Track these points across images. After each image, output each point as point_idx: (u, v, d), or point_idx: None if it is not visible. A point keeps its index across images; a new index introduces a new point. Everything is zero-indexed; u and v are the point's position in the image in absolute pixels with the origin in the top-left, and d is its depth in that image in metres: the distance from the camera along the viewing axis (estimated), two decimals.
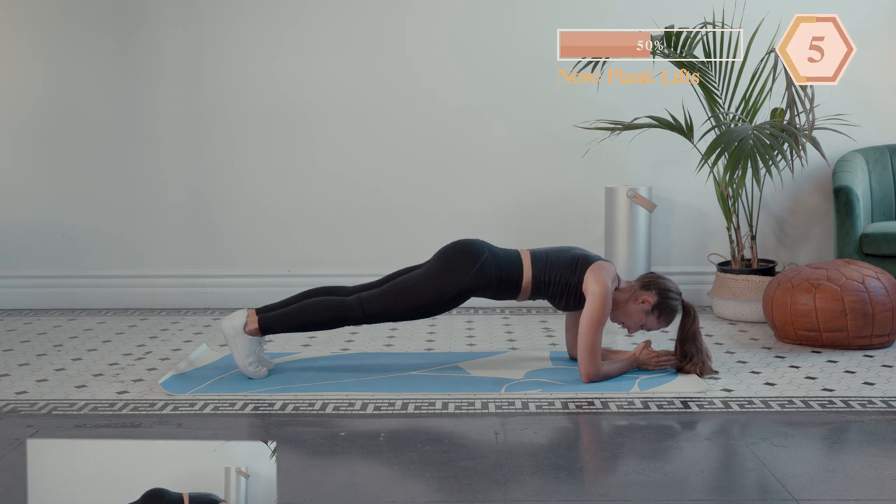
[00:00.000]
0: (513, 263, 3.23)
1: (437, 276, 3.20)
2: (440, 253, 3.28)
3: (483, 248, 3.24)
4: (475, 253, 3.22)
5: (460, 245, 3.26)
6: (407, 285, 3.22)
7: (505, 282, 3.23)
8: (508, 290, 3.26)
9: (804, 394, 3.03)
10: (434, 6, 4.69)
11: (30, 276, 4.78)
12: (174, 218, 4.79)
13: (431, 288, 3.19)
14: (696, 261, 4.72)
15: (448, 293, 3.19)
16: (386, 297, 3.21)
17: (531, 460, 2.45)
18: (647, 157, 4.67)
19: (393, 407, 2.92)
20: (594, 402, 2.95)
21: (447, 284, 3.19)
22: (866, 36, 4.49)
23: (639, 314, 3.26)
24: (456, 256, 3.22)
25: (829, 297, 3.59)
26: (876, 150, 4.59)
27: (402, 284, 3.23)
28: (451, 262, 3.21)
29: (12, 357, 3.66)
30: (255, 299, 4.36)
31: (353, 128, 4.74)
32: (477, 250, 3.23)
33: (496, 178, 4.73)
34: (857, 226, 4.16)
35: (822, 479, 2.32)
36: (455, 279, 3.18)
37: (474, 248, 3.24)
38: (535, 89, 4.67)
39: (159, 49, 4.70)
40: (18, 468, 2.32)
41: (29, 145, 4.77)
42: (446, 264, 3.22)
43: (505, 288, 3.25)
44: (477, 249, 3.23)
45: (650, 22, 4.39)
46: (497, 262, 3.22)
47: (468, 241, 3.29)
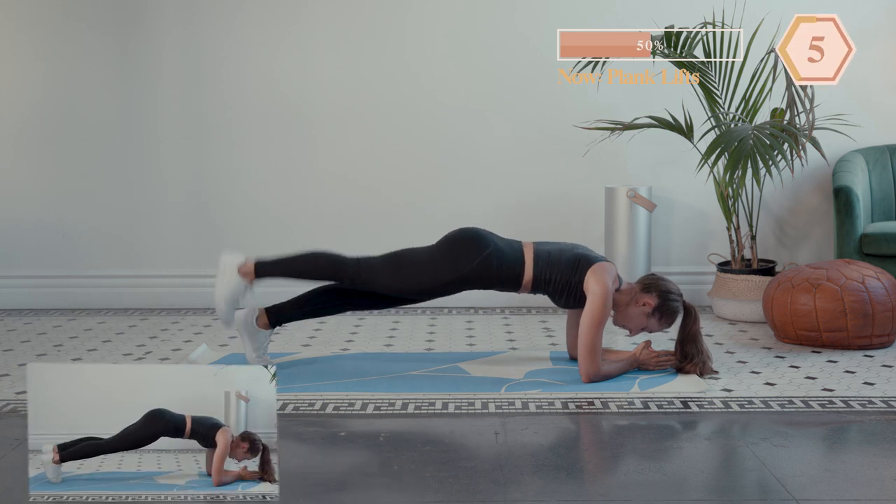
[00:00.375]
0: (516, 260, 3.23)
1: (440, 261, 3.21)
2: (447, 238, 3.28)
3: (489, 240, 3.24)
4: (481, 244, 3.22)
5: (468, 233, 3.26)
6: (408, 260, 3.24)
7: (505, 278, 3.24)
8: (508, 285, 3.27)
9: (804, 394, 3.03)
10: (434, 6, 4.69)
11: (30, 276, 4.78)
12: (174, 218, 4.79)
13: (431, 271, 3.21)
14: (696, 261, 4.72)
15: (446, 279, 3.20)
16: (384, 266, 3.23)
17: (531, 460, 2.45)
18: (647, 157, 4.67)
19: (393, 407, 2.92)
20: (594, 402, 2.95)
21: (447, 270, 3.20)
22: (866, 36, 4.49)
23: (640, 317, 3.26)
24: (462, 244, 3.23)
25: (829, 297, 3.59)
26: (876, 150, 4.59)
27: (404, 258, 3.25)
28: (456, 248, 3.22)
29: (12, 357, 3.66)
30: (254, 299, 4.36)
31: (353, 128, 4.74)
32: (483, 242, 3.23)
33: (496, 178, 4.73)
34: (857, 226, 4.16)
35: (822, 479, 2.32)
36: (456, 266, 3.19)
37: (481, 238, 3.24)
38: (535, 89, 4.67)
39: (159, 49, 4.70)
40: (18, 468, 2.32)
41: (29, 145, 4.78)
42: (450, 250, 3.22)
43: (505, 283, 3.26)
44: (483, 241, 3.23)
45: (650, 22, 4.39)
46: (500, 256, 3.22)
47: (476, 230, 3.28)
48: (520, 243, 3.31)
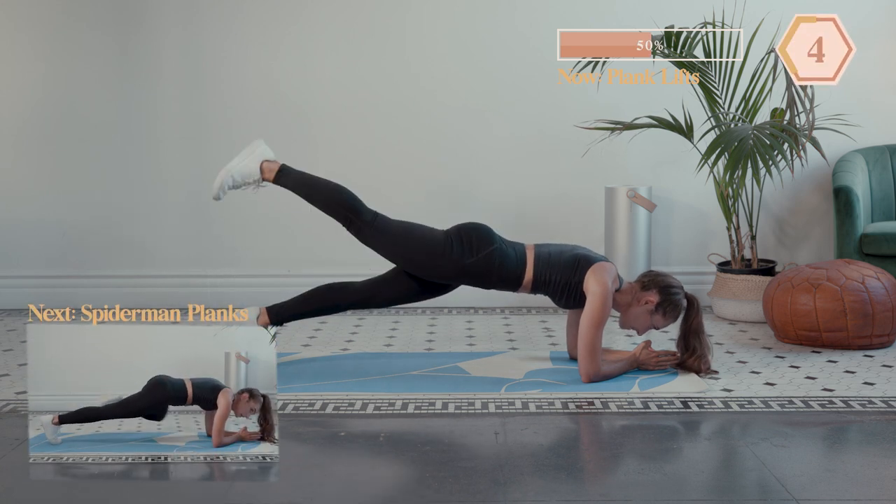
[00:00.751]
0: (517, 261, 3.26)
1: (445, 244, 3.26)
2: (458, 226, 3.33)
3: (495, 237, 3.30)
4: (488, 239, 3.27)
5: (479, 227, 3.31)
6: (419, 234, 3.29)
7: (505, 277, 3.26)
8: (508, 284, 3.28)
9: (804, 394, 3.03)
10: (434, 6, 4.69)
11: (30, 276, 4.78)
12: (174, 218, 4.79)
13: (435, 250, 3.24)
14: (696, 261, 4.72)
15: (447, 264, 3.24)
16: (396, 226, 3.30)
17: (531, 460, 2.45)
18: (647, 157, 4.67)
19: (393, 407, 2.92)
20: (594, 402, 2.95)
21: (449, 255, 3.24)
22: (866, 36, 4.49)
23: (644, 316, 3.26)
24: (470, 235, 3.27)
25: (829, 297, 3.59)
26: (876, 150, 4.59)
27: (416, 230, 3.31)
28: (464, 237, 3.27)
29: (12, 357, 3.66)
30: (255, 299, 4.36)
31: (353, 128, 4.74)
32: (490, 238, 3.28)
33: (496, 178, 4.73)
34: (857, 226, 4.16)
35: (822, 479, 2.32)
36: (460, 255, 3.23)
37: (489, 235, 3.29)
38: (535, 89, 4.67)
39: (159, 49, 4.70)
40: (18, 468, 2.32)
41: (29, 145, 4.77)
42: (458, 237, 3.27)
43: (504, 282, 3.28)
44: (491, 237, 3.28)
45: (650, 22, 4.39)
46: (503, 255, 3.25)
47: (484, 226, 3.33)
48: (522, 246, 3.33)
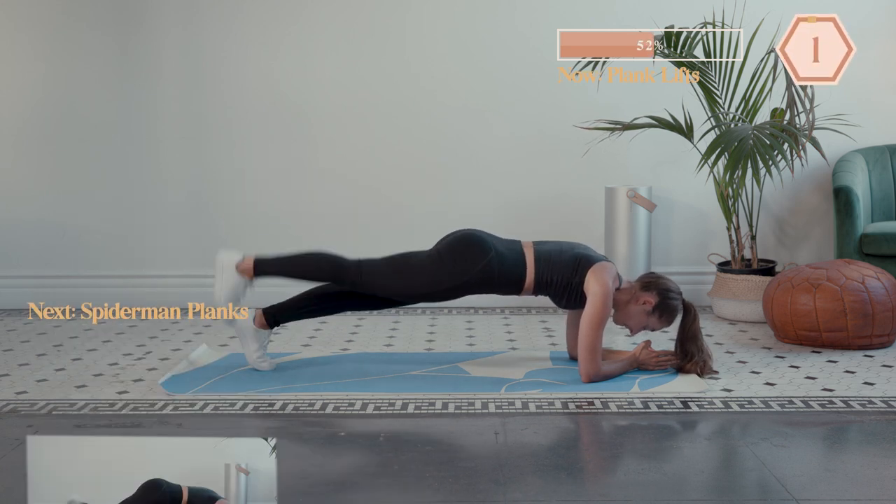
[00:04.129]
0: (517, 263, 3.22)
1: (441, 266, 3.20)
2: (447, 242, 3.26)
3: (490, 245, 3.22)
4: (483, 249, 3.20)
5: (469, 238, 3.23)
6: (409, 264, 3.23)
7: (507, 282, 3.24)
8: (510, 288, 3.26)
9: (804, 394, 3.03)
10: (434, 6, 4.69)
11: (30, 276, 4.78)
12: (174, 218, 4.79)
13: (432, 276, 3.20)
14: (696, 261, 4.72)
15: (447, 285, 3.20)
16: (385, 267, 3.23)
17: (531, 460, 2.45)
18: (647, 157, 4.67)
19: (393, 407, 2.92)
20: (594, 402, 2.95)
21: (448, 276, 3.19)
22: (866, 36, 4.49)
23: (640, 315, 3.26)
24: (463, 249, 3.20)
25: (829, 297, 3.59)
26: (876, 150, 4.59)
27: (405, 262, 3.23)
28: (458, 254, 3.20)
29: (12, 357, 3.66)
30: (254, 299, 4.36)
31: (353, 128, 4.74)
32: (485, 247, 3.20)
33: (496, 178, 4.73)
34: (857, 226, 4.16)
35: (822, 479, 2.32)
36: (458, 273, 3.18)
37: (483, 243, 3.21)
38: (535, 89, 4.67)
39: (159, 49, 4.71)
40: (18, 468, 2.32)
41: (29, 145, 4.78)
42: (452, 256, 3.20)
43: (507, 287, 3.25)
44: (485, 246, 3.20)
45: (650, 22, 4.39)
46: (501, 261, 3.20)
47: (477, 234, 3.25)
48: (519, 244, 3.29)
